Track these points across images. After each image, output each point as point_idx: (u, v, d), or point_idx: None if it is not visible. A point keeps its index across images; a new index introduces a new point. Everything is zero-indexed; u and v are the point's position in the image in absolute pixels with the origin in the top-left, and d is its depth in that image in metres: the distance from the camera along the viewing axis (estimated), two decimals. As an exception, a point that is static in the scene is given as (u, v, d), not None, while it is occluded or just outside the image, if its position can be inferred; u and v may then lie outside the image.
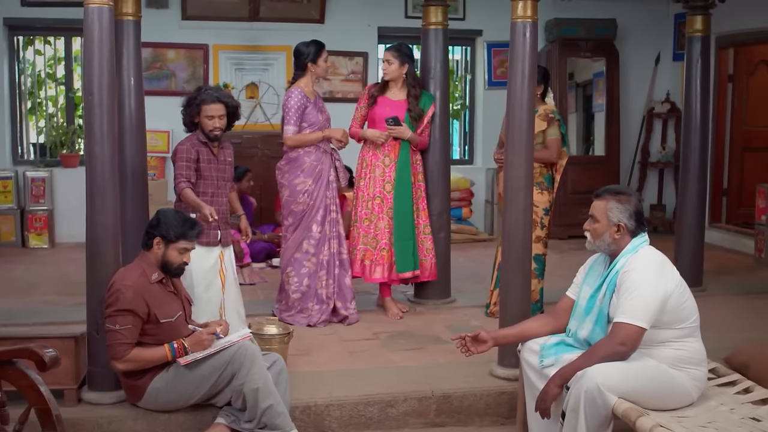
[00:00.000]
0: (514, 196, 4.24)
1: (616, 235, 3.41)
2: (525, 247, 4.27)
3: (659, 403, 3.23)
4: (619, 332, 3.21)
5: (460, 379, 4.30)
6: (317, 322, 5.34)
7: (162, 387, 3.74)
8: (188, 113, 4.65)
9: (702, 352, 3.37)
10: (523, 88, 4.20)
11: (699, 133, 6.30)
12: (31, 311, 5.59)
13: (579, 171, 8.89)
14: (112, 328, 3.65)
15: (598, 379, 3.11)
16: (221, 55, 8.65)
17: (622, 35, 9.12)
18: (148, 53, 8.42)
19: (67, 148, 8.43)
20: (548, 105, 5.47)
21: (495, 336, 3.64)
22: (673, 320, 3.28)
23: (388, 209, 5.53)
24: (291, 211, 5.36)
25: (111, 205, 3.86)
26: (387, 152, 5.54)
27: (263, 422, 3.63)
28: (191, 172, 4.56)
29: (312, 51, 5.35)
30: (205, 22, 8.52)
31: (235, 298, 4.73)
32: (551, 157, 5.37)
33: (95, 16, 3.77)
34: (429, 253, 5.70)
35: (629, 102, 9.37)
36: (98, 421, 3.83)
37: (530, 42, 4.18)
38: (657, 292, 3.22)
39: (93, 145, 3.82)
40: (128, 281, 3.70)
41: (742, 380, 3.56)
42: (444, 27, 5.80)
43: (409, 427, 4.13)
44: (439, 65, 5.79)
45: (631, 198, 3.44)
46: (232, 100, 4.66)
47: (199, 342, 3.74)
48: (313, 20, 8.74)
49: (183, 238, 3.81)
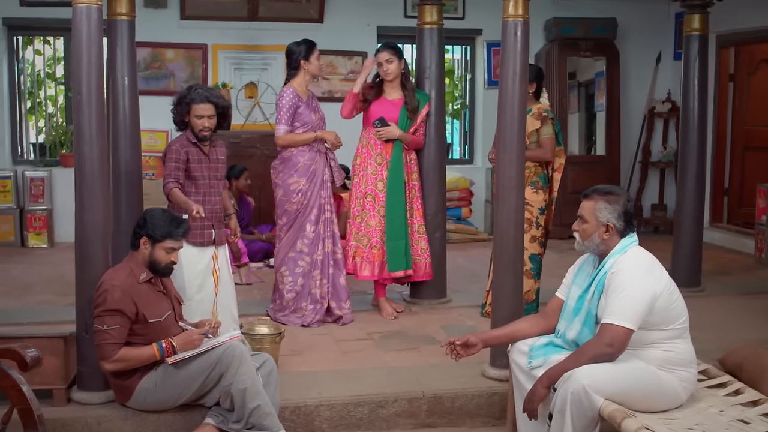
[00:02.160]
0: (506, 196, 4.22)
1: (604, 236, 3.39)
2: (516, 246, 4.25)
3: (647, 404, 3.21)
4: (606, 333, 3.19)
5: (452, 380, 4.28)
6: (311, 322, 5.33)
7: (150, 387, 3.74)
8: (178, 112, 4.63)
9: (691, 353, 3.35)
10: (514, 87, 4.18)
11: (697, 132, 6.27)
12: (27, 311, 5.59)
13: (579, 171, 8.86)
14: (100, 329, 3.65)
15: (584, 381, 3.09)
16: (220, 55, 8.65)
17: (622, 34, 9.08)
18: (146, 53, 8.44)
19: (67, 147, 8.43)
20: (542, 104, 5.45)
21: (484, 338, 3.63)
22: (661, 321, 3.26)
23: (379, 207, 5.51)
24: (285, 211, 5.36)
25: (100, 204, 3.86)
26: (380, 151, 5.53)
27: (251, 423, 3.62)
28: (180, 173, 4.54)
29: (303, 49, 5.34)
30: (204, 22, 8.51)
31: (229, 298, 4.71)
32: (545, 155, 5.34)
33: (83, 15, 3.76)
34: (423, 253, 5.68)
35: (630, 101, 9.32)
36: (87, 421, 3.82)
37: (521, 41, 4.17)
38: (645, 293, 3.20)
39: (82, 144, 3.82)
40: (116, 281, 3.69)
41: (732, 382, 3.54)
42: (439, 26, 5.78)
43: (399, 427, 4.12)
44: (434, 65, 5.77)
45: (620, 198, 3.41)
46: (222, 101, 4.62)
47: (189, 342, 3.74)
48: (312, 20, 8.73)
49: (169, 238, 3.80)
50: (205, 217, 4.52)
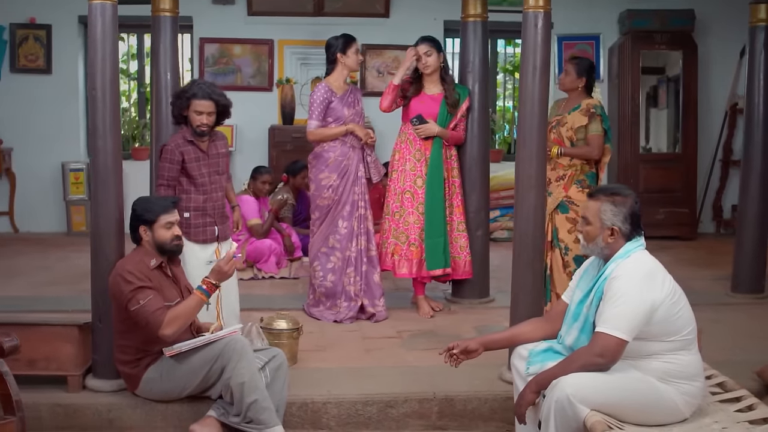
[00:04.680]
0: (525, 195, 4.07)
1: (609, 239, 3.21)
2: (536, 246, 4.11)
3: (642, 417, 3.03)
4: (598, 343, 3.03)
5: (467, 382, 4.17)
6: (344, 319, 5.30)
7: (156, 377, 3.80)
8: (177, 105, 4.57)
9: (696, 365, 3.13)
10: (534, 81, 4.02)
11: (762, 130, 5.90)
12: (72, 299, 5.72)
13: (651, 169, 8.53)
14: (137, 307, 3.64)
15: (568, 390, 2.94)
16: (286, 50, 8.74)
17: (701, 27, 8.63)
18: (214, 49, 8.63)
19: (138, 141, 8.70)
20: (592, 99, 5.20)
21: (484, 342, 3.50)
22: (662, 332, 3.06)
23: (418, 204, 5.42)
24: (317, 206, 5.36)
25: (113, 197, 3.96)
26: (419, 147, 5.44)
27: (248, 417, 3.62)
28: (174, 174, 4.53)
29: (341, 42, 5.31)
30: (271, 18, 8.61)
31: (232, 293, 4.71)
32: (592, 153, 5.09)
33: (98, 12, 3.85)
34: (463, 251, 5.57)
35: (710, 97, 8.87)
36: (98, 408, 3.92)
37: (542, 33, 3.99)
38: (642, 302, 3.01)
39: (96, 139, 3.92)
40: (129, 267, 3.77)
41: (747, 397, 3.29)
42: (483, 19, 5.65)
43: (409, 428, 4.04)
44: (477, 59, 5.64)
45: (627, 199, 3.22)
46: (223, 99, 4.55)
47: (222, 273, 3.75)
48: (377, 14, 8.72)
49: (162, 213, 3.87)
50: (207, 214, 4.56)
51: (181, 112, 4.56)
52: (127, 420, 3.92)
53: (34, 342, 3.91)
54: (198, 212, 4.59)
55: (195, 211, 4.59)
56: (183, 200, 4.55)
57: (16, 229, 8.54)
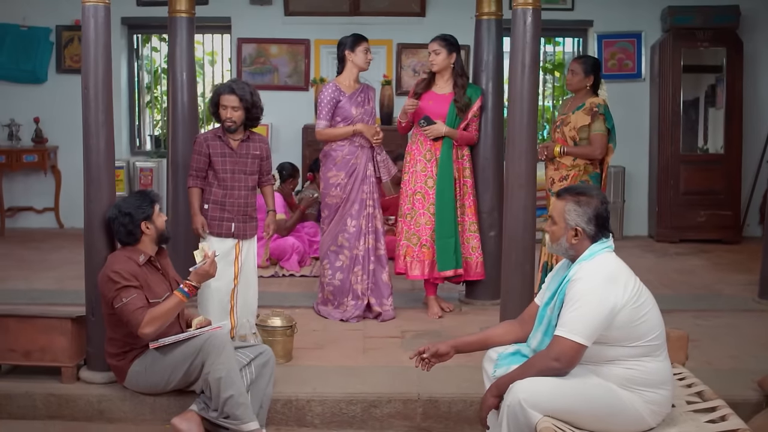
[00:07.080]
0: (514, 195, 4.03)
1: (573, 240, 3.13)
2: (525, 247, 4.05)
3: (600, 425, 2.95)
4: (554, 347, 2.96)
5: (454, 384, 4.13)
6: (350, 317, 5.31)
7: (141, 370, 3.88)
8: (212, 102, 4.74)
9: (663, 373, 3.03)
10: (523, 79, 3.98)
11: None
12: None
13: (692, 170, 8.26)
14: (120, 305, 3.74)
15: (520, 395, 2.88)
16: (322, 50, 8.78)
17: (746, 23, 8.32)
18: (252, 49, 8.76)
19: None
20: (596, 98, 5.10)
21: (456, 344, 3.45)
22: (623, 337, 2.97)
23: (429, 205, 5.39)
24: (326, 204, 5.38)
25: (105, 194, 4.04)
26: (429, 147, 5.41)
27: (225, 412, 3.67)
28: (202, 165, 4.68)
29: (350, 41, 5.31)
30: (307, 18, 8.69)
31: (250, 291, 4.77)
32: (594, 153, 5.00)
33: (91, 13, 3.95)
34: (474, 252, 5.51)
35: (756, 96, 8.55)
36: (89, 399, 4.04)
37: (532, 30, 3.94)
38: (602, 305, 2.93)
39: (89, 137, 4.02)
40: (116, 266, 3.84)
41: (722, 407, 3.17)
42: (498, 17, 5.57)
43: (393, 429, 4.03)
44: (491, 57, 5.57)
45: (593, 200, 3.14)
46: (246, 95, 4.62)
47: (204, 274, 3.86)
48: (413, 13, 8.71)
49: (155, 203, 3.97)
50: (225, 209, 4.64)
51: (216, 109, 4.71)
52: (116, 411, 4.03)
53: (30, 333, 4.06)
54: (216, 205, 4.69)
55: (213, 204, 4.70)
56: (205, 192, 4.73)
57: (61, 225, 8.83)
